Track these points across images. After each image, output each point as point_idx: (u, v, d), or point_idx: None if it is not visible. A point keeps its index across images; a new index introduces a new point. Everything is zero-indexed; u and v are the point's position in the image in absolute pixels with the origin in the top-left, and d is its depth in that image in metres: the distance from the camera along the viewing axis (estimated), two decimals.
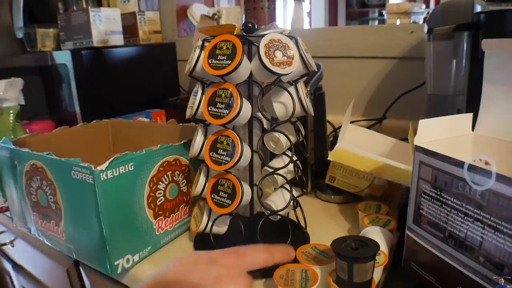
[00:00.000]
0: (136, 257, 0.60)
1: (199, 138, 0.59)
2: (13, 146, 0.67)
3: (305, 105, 0.57)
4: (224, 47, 0.52)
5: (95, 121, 0.89)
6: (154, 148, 0.60)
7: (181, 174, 0.66)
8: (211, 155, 0.55)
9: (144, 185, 0.59)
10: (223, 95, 0.53)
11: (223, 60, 0.51)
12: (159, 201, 0.62)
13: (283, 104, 0.57)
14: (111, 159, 0.54)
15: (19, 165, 0.66)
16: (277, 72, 0.51)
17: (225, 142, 0.54)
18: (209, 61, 0.52)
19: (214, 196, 0.57)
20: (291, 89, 0.56)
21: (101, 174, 0.52)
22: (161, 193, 0.62)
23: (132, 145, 0.86)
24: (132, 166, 0.56)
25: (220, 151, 0.55)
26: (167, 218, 0.64)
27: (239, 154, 0.53)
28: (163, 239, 0.64)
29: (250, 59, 0.54)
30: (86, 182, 0.53)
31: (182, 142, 0.65)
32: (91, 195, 0.53)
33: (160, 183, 0.62)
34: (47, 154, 0.60)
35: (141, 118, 0.91)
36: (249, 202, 0.58)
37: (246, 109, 0.53)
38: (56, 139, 0.80)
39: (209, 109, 0.54)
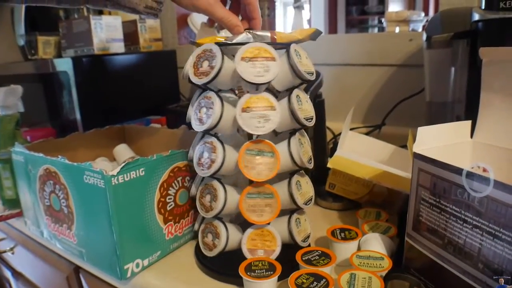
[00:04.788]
0: (146, 262, 0.60)
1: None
2: (27, 151, 0.68)
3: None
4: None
5: (108, 126, 0.90)
6: (165, 154, 0.61)
7: (191, 180, 0.66)
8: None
9: (154, 190, 0.60)
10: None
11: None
12: (169, 206, 0.63)
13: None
14: (123, 164, 0.54)
15: (33, 170, 0.67)
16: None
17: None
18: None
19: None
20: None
21: (113, 179, 0.53)
22: (171, 198, 0.63)
23: (145, 151, 0.87)
24: (143, 172, 0.57)
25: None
26: (177, 224, 0.65)
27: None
28: (172, 244, 0.64)
29: None
30: (97, 186, 0.53)
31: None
32: (102, 200, 0.54)
33: (170, 188, 0.62)
34: (60, 159, 0.60)
35: (154, 124, 0.91)
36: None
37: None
38: (69, 145, 0.81)
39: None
